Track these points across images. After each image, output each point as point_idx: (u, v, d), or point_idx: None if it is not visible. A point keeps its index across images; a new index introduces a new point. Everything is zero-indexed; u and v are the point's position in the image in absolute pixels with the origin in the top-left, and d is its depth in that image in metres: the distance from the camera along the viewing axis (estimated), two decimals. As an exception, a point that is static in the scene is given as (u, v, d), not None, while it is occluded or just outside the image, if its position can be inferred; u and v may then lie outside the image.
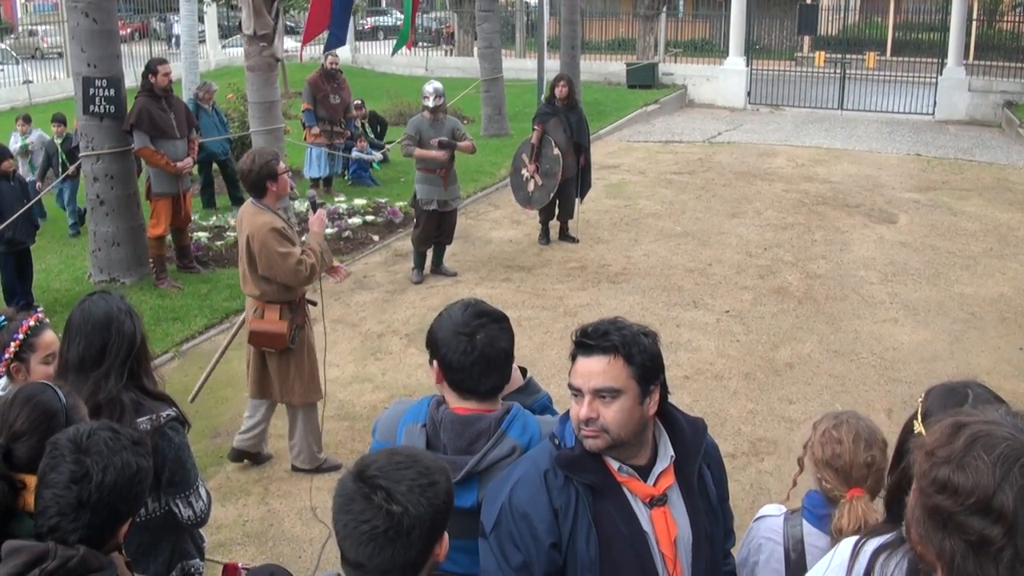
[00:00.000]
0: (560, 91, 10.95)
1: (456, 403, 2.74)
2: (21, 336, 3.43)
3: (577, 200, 11.37)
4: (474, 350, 2.67)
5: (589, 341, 2.47)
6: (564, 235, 11.40)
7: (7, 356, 3.40)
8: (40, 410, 2.69)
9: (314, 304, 6.31)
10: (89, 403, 3.18)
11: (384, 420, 2.90)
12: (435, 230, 9.96)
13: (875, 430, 2.96)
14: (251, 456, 6.37)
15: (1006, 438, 1.60)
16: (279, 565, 3.26)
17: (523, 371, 3.05)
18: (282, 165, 5.89)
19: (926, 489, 1.65)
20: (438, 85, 9.99)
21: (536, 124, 10.99)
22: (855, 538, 2.24)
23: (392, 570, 1.97)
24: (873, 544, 2.14)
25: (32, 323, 3.47)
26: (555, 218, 11.38)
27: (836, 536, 2.79)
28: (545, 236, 11.40)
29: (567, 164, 10.88)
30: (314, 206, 6.12)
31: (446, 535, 2.10)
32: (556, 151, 10.80)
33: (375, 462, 2.06)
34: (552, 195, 10.94)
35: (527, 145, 11.13)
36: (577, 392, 2.48)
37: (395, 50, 15.70)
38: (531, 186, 11.04)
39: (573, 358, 2.51)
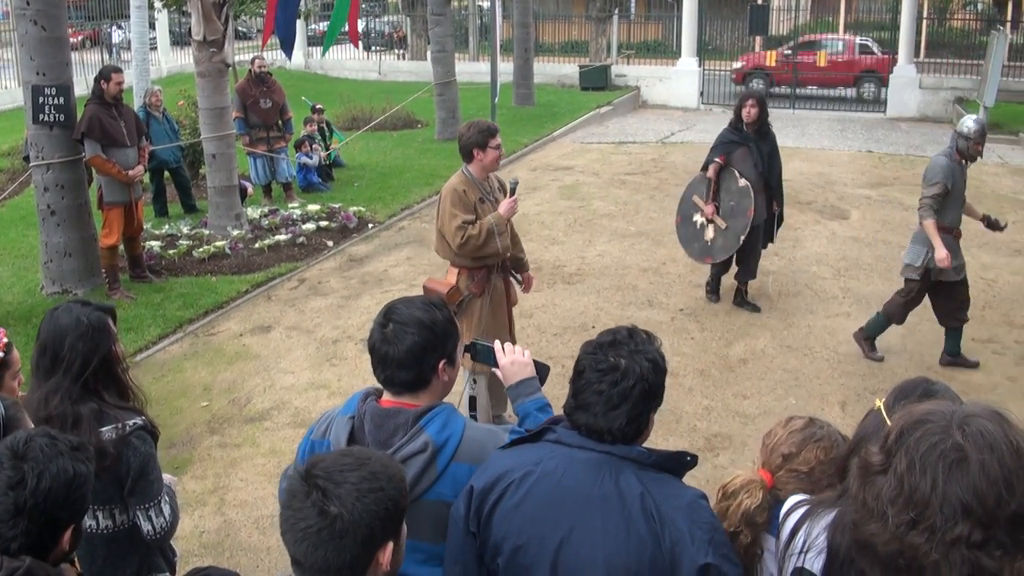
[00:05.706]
0: (748, 113, 8.52)
1: (386, 396, 2.77)
2: (1, 354, 3.40)
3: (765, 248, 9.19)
4: (376, 342, 2.72)
5: None
6: (742, 300, 9.05)
7: None
8: (-20, 421, 2.66)
9: (519, 281, 6.52)
10: (40, 413, 3.15)
11: (322, 418, 2.89)
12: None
13: None
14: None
15: (925, 411, 1.83)
16: (221, 568, 3.20)
17: (543, 367, 3.08)
18: (497, 140, 5.95)
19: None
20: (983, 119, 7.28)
21: (718, 156, 8.65)
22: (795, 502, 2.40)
23: (328, 570, 1.95)
24: (803, 508, 2.30)
25: (6, 340, 3.44)
26: (729, 273, 9.15)
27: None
28: (715, 292, 9.19)
29: (758, 203, 8.58)
30: (512, 191, 6.14)
31: (392, 545, 2.03)
32: (743, 181, 8.53)
33: (323, 461, 2.04)
34: (742, 239, 8.59)
35: (698, 185, 9.00)
36: None
37: (324, 49, 15.67)
38: (710, 232, 8.79)
39: None
